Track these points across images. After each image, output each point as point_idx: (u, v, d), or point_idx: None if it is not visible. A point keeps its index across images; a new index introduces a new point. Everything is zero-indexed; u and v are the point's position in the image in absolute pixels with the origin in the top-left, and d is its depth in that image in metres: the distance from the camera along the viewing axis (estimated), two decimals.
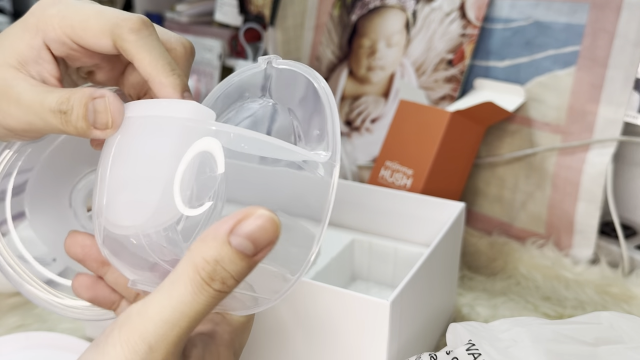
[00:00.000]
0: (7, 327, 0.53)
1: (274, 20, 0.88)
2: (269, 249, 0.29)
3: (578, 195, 0.63)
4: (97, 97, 0.34)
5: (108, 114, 0.34)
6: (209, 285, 0.29)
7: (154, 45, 0.35)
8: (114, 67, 0.40)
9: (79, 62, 0.38)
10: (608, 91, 0.61)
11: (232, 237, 0.29)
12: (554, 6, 0.65)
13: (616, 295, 0.59)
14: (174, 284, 0.29)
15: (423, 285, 0.45)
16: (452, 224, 0.50)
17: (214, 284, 0.29)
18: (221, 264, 0.29)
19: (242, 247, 0.29)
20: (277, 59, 0.37)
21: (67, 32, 0.36)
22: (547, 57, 0.66)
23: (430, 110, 0.66)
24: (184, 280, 0.29)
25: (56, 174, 0.44)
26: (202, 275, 0.29)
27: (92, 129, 0.34)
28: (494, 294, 0.61)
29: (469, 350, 0.36)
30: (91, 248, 0.37)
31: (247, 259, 0.29)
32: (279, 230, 0.29)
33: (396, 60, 0.77)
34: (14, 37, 0.37)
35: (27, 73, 0.36)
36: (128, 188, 0.33)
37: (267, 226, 0.29)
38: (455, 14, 0.72)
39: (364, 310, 0.39)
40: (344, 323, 0.40)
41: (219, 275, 0.29)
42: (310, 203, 0.35)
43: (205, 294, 0.29)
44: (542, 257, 0.64)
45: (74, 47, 0.36)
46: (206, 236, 0.29)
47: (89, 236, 0.37)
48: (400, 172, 0.65)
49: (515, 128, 0.68)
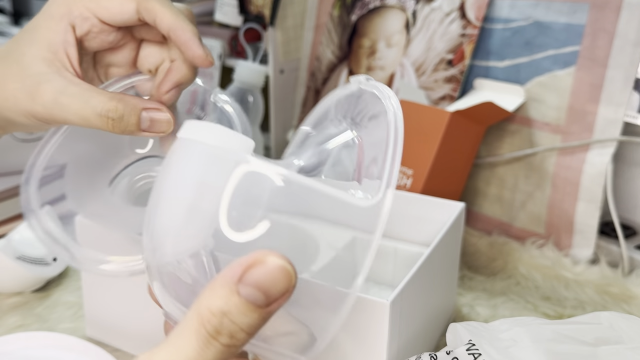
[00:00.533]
0: (7, 327, 0.53)
1: (274, 21, 0.88)
2: (284, 298, 0.27)
3: (578, 195, 0.64)
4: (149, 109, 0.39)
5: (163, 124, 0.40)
6: (215, 339, 0.26)
7: (171, 4, 0.40)
8: (131, 48, 0.43)
9: (97, 40, 0.41)
10: (608, 91, 0.61)
11: (241, 287, 0.26)
12: (553, 6, 0.66)
13: (616, 295, 0.59)
14: (179, 337, 0.27)
15: (423, 285, 0.45)
16: (452, 224, 0.50)
17: (221, 338, 0.26)
18: (229, 317, 0.26)
19: (253, 297, 0.26)
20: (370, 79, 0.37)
21: (92, 6, 0.40)
22: (546, 57, 0.66)
23: (430, 110, 0.66)
24: (189, 333, 0.27)
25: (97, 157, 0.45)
26: (207, 328, 0.26)
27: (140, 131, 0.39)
28: (494, 294, 0.61)
29: (469, 351, 0.36)
30: None
31: (259, 310, 0.26)
32: (293, 280, 0.27)
33: (396, 60, 0.77)
34: (42, 27, 0.40)
35: (61, 64, 0.40)
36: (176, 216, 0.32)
37: (278, 276, 0.26)
38: (455, 14, 0.72)
39: (363, 310, 0.39)
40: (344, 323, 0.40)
41: (227, 329, 0.26)
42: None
43: (213, 349, 0.26)
44: (541, 257, 0.64)
45: (95, 23, 0.40)
46: (214, 283, 0.27)
47: None
48: (400, 172, 0.65)
49: (515, 128, 0.68)
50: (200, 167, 0.31)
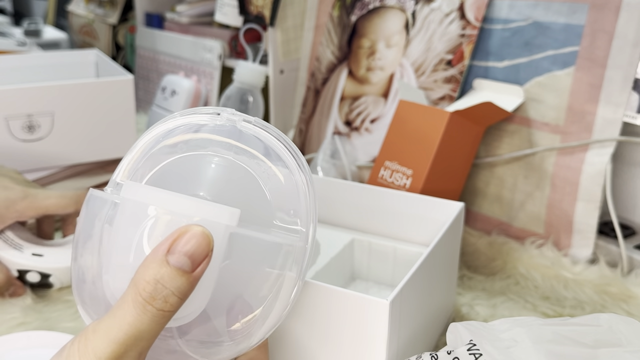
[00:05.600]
0: (7, 326, 0.54)
1: (274, 21, 0.88)
2: (206, 263, 0.31)
3: (577, 195, 0.64)
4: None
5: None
6: (150, 304, 0.30)
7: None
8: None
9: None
10: (607, 91, 0.62)
11: (170, 256, 0.31)
12: (553, 7, 0.66)
13: (615, 295, 0.59)
14: (119, 307, 0.31)
15: (422, 285, 0.45)
16: (451, 224, 0.50)
17: (155, 303, 0.30)
18: (161, 282, 0.30)
19: (180, 263, 0.31)
20: (241, 119, 0.38)
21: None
22: (546, 57, 0.66)
23: (430, 110, 0.66)
24: (127, 303, 0.31)
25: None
26: (143, 295, 0.30)
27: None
28: (493, 294, 0.61)
29: (470, 350, 0.36)
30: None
31: (186, 274, 0.31)
32: (211, 244, 0.31)
33: (396, 60, 0.77)
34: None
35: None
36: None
37: (201, 241, 0.31)
38: (454, 14, 0.72)
39: (363, 309, 0.39)
40: (343, 322, 0.40)
41: (160, 293, 0.30)
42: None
43: (149, 314, 0.30)
44: (541, 256, 0.64)
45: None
46: (146, 260, 0.31)
47: None
48: (399, 172, 0.65)
49: (514, 128, 0.68)
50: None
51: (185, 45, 1.08)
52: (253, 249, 0.35)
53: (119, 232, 0.34)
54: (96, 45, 1.37)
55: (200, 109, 0.39)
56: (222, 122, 0.38)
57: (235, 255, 0.35)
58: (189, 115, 0.38)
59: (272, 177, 0.38)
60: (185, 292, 0.31)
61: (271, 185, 0.37)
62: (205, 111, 0.38)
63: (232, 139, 0.38)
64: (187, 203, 0.33)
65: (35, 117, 0.74)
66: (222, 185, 0.37)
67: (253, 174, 0.37)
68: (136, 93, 1.20)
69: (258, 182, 0.37)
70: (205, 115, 0.38)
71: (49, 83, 0.76)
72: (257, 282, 0.36)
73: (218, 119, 0.38)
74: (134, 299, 0.30)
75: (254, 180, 0.37)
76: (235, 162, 0.37)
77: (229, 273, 0.35)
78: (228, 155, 0.37)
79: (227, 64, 1.02)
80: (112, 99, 0.79)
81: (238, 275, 0.35)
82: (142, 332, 0.30)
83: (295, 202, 0.37)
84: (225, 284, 0.35)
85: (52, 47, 1.38)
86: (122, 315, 0.30)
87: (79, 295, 0.36)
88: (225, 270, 0.34)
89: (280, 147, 0.38)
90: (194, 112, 0.39)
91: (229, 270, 0.34)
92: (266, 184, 0.37)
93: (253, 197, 0.37)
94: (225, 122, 0.38)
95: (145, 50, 1.20)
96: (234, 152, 0.38)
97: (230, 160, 0.37)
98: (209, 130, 0.38)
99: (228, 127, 0.38)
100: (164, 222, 0.33)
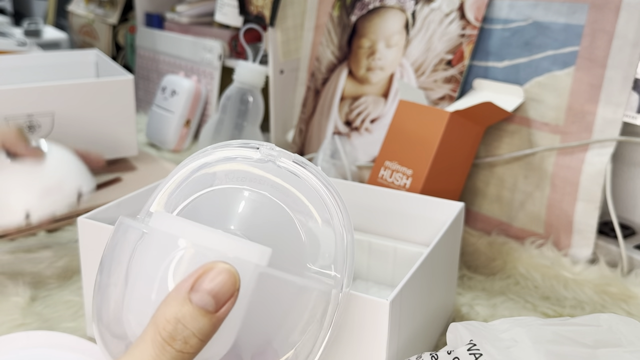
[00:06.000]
0: (7, 326, 0.54)
1: (274, 21, 0.88)
2: (231, 303, 0.29)
3: (577, 195, 0.64)
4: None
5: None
6: (170, 345, 0.29)
7: None
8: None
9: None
10: (607, 91, 0.62)
11: (193, 295, 0.29)
12: (552, 7, 0.66)
13: (615, 295, 0.59)
14: (137, 346, 0.29)
15: (422, 285, 0.45)
16: (451, 224, 0.50)
17: (175, 344, 0.29)
18: (182, 322, 0.29)
19: (203, 303, 0.29)
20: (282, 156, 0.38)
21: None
22: (546, 57, 0.66)
23: (430, 110, 0.66)
24: (146, 342, 0.29)
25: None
26: (162, 335, 0.29)
27: None
28: (493, 294, 0.61)
29: (470, 350, 0.36)
30: None
31: (209, 315, 0.29)
32: (238, 283, 0.29)
33: (395, 60, 0.77)
34: None
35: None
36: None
37: (227, 280, 0.29)
38: (454, 14, 0.72)
39: (363, 309, 0.39)
40: (344, 322, 0.40)
41: (180, 334, 0.29)
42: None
43: (167, 355, 0.29)
44: (541, 256, 0.64)
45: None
46: (168, 297, 0.29)
47: None
48: (399, 172, 0.65)
49: (514, 128, 0.68)
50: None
51: (186, 45, 1.08)
52: (283, 292, 0.34)
53: (144, 264, 0.33)
54: (96, 46, 1.37)
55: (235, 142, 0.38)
56: (260, 156, 0.37)
57: (265, 297, 0.33)
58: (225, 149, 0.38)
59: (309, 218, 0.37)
60: (207, 334, 0.29)
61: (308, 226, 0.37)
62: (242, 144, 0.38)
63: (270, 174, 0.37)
64: (217, 238, 0.32)
65: (35, 117, 0.74)
66: (256, 221, 0.36)
67: (289, 213, 0.36)
68: (136, 93, 1.20)
69: (294, 222, 0.36)
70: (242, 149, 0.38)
71: (49, 83, 0.76)
72: (287, 326, 0.34)
73: (256, 153, 0.38)
74: (153, 339, 0.29)
75: (290, 220, 0.36)
76: (272, 199, 0.37)
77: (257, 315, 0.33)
78: (264, 191, 0.37)
79: (227, 64, 1.02)
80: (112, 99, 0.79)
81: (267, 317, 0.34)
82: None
83: (331, 246, 0.36)
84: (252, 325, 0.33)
85: (52, 47, 1.38)
86: (140, 355, 0.29)
87: (99, 331, 0.34)
88: (254, 311, 0.33)
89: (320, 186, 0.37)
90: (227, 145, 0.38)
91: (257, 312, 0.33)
92: (303, 224, 0.36)
93: (287, 237, 0.36)
94: (263, 157, 0.37)
95: (145, 50, 1.20)
96: (270, 188, 0.37)
97: (267, 196, 0.37)
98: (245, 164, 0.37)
99: (266, 163, 0.37)
100: (190, 256, 0.31)
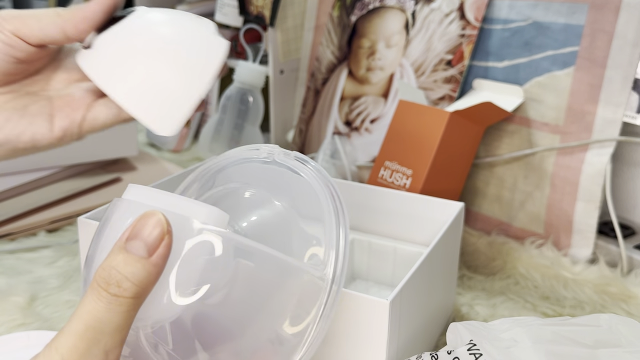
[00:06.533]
0: (7, 326, 0.54)
1: (274, 21, 0.88)
2: (163, 249, 0.30)
3: (577, 195, 0.64)
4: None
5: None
6: (104, 290, 0.30)
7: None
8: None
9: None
10: (607, 91, 0.62)
11: (127, 244, 0.30)
12: (552, 7, 0.66)
13: (615, 295, 0.59)
14: (83, 298, 0.30)
15: (422, 285, 0.45)
16: (451, 224, 0.50)
17: (110, 288, 0.29)
18: (116, 268, 0.30)
19: (134, 248, 0.30)
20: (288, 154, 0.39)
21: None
22: (545, 57, 0.66)
23: (430, 110, 0.66)
24: (87, 292, 0.30)
25: None
26: (98, 282, 0.30)
27: None
28: (493, 294, 0.61)
29: (470, 350, 0.36)
30: None
31: (142, 260, 0.30)
32: (165, 226, 0.30)
33: (395, 60, 0.77)
34: None
35: None
36: None
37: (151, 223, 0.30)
38: (454, 14, 0.72)
39: (363, 309, 0.39)
40: (343, 322, 0.40)
41: (114, 278, 0.30)
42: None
43: (104, 300, 0.29)
44: (541, 256, 0.64)
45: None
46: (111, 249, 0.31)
47: None
48: (399, 172, 0.65)
49: (514, 128, 0.68)
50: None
51: None
52: (268, 272, 0.35)
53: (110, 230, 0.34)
54: None
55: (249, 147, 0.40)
56: (264, 155, 0.39)
57: (250, 280, 0.34)
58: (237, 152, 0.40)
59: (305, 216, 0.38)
60: (142, 279, 0.30)
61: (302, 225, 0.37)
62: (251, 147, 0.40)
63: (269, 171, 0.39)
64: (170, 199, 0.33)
65: None
66: (253, 219, 0.37)
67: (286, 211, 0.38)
68: None
69: (290, 220, 0.37)
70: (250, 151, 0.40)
71: None
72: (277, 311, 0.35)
73: (258, 153, 0.39)
74: (92, 287, 0.30)
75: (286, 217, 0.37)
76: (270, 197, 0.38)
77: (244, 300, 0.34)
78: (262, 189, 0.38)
79: (228, 64, 1.02)
80: None
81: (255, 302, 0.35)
82: (101, 323, 0.29)
83: (326, 244, 0.37)
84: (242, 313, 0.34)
85: None
86: (81, 305, 0.30)
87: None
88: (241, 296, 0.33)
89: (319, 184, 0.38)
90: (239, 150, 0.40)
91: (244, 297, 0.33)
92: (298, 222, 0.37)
93: (282, 234, 0.37)
94: (267, 156, 0.39)
95: None
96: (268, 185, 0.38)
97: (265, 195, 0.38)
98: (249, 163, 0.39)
99: (269, 162, 0.39)
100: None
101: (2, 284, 0.60)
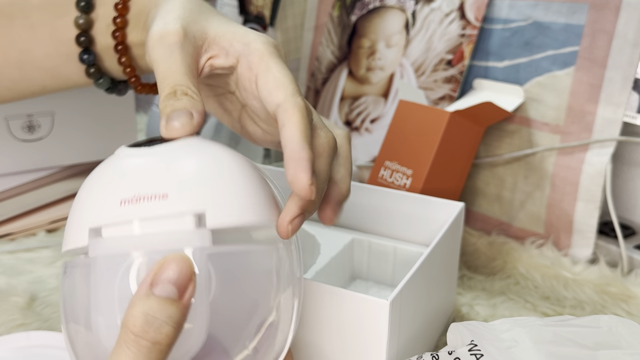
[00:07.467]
0: (7, 326, 0.54)
1: (274, 21, 0.88)
2: (192, 287, 0.30)
3: (577, 195, 0.64)
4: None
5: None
6: (143, 338, 0.28)
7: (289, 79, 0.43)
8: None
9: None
10: (607, 91, 0.62)
11: (154, 289, 0.29)
12: (553, 7, 0.66)
13: (615, 295, 0.59)
14: (112, 354, 0.29)
15: (422, 285, 0.45)
16: (451, 224, 0.50)
17: (148, 336, 0.29)
18: (151, 314, 0.29)
19: (167, 292, 0.29)
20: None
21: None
22: (546, 57, 0.66)
23: (430, 110, 0.66)
24: (120, 345, 0.29)
25: None
26: (134, 331, 0.28)
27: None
28: (493, 294, 0.61)
29: (471, 351, 0.36)
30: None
31: (175, 302, 0.29)
32: (192, 266, 0.30)
33: (395, 60, 0.77)
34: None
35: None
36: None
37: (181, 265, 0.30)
38: (454, 14, 0.72)
39: (363, 309, 0.39)
40: (343, 322, 0.40)
41: (152, 324, 0.29)
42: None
43: (144, 350, 0.28)
44: (541, 256, 0.64)
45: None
46: (132, 300, 0.30)
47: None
48: (399, 172, 0.65)
49: (514, 128, 0.68)
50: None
51: None
52: (238, 267, 0.34)
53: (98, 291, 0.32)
54: None
55: None
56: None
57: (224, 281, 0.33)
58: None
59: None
60: (178, 321, 0.29)
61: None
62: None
63: None
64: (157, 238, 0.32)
65: (35, 117, 0.74)
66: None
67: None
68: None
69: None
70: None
71: None
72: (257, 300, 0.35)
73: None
74: (126, 340, 0.28)
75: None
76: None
77: (225, 301, 0.33)
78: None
79: None
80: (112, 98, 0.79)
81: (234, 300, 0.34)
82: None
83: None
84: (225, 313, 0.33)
85: None
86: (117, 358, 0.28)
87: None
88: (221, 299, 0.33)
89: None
90: None
91: (224, 298, 0.33)
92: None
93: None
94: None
95: None
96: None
97: None
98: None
99: None
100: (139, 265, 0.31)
101: (2, 284, 0.60)
